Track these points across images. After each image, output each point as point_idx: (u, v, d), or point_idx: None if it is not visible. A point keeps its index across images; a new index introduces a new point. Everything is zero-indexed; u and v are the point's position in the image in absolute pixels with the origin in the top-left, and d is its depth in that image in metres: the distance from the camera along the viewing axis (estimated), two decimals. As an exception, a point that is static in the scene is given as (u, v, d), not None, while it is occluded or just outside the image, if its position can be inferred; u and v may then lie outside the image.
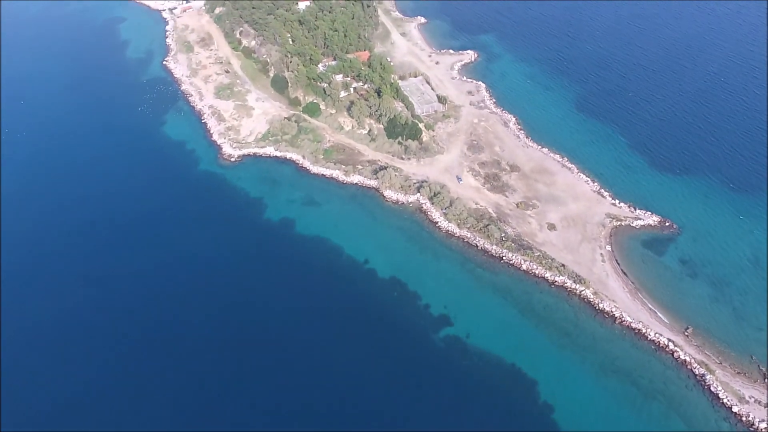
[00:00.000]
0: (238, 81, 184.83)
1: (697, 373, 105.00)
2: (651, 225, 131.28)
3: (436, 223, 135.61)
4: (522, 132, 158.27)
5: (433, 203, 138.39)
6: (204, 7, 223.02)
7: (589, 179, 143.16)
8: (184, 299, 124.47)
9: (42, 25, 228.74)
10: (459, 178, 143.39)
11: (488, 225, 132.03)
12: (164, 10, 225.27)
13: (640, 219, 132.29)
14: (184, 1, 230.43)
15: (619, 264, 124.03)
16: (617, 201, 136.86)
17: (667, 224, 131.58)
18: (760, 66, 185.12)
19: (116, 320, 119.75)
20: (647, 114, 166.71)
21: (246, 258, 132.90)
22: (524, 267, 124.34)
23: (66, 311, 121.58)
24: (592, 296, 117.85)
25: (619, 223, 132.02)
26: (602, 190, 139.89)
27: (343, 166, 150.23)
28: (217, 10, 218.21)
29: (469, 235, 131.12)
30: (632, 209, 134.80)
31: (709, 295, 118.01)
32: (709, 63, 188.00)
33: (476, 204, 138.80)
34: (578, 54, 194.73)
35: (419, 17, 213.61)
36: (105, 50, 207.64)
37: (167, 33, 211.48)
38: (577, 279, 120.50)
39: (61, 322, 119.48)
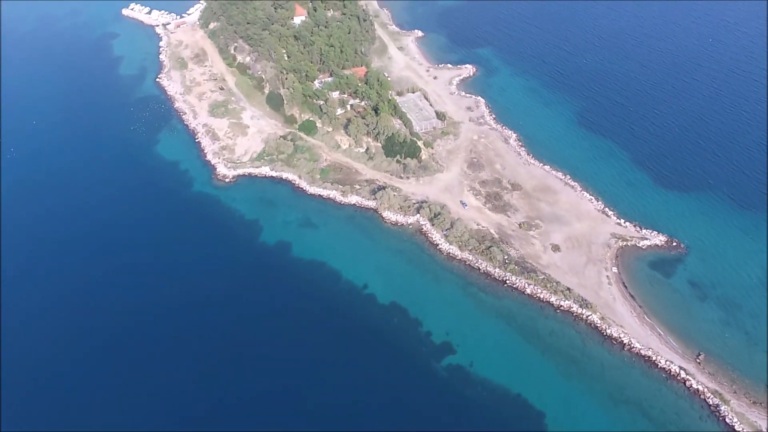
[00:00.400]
0: (232, 98, 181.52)
1: (710, 403, 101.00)
2: (657, 245, 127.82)
3: (437, 245, 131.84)
4: (523, 149, 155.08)
5: (433, 225, 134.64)
6: (198, 23, 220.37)
7: (592, 197, 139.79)
8: (177, 325, 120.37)
9: (34, 41, 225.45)
10: (464, 203, 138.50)
11: (490, 247, 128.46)
12: (158, 26, 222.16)
13: (646, 239, 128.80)
14: (178, 17, 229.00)
15: (626, 287, 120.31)
16: (622, 220, 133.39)
17: (674, 244, 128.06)
18: (760, 79, 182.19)
19: (108, 345, 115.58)
20: (648, 129, 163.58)
21: (241, 283, 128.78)
22: (528, 291, 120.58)
23: (57, 334, 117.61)
24: (599, 321, 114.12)
25: (624, 243, 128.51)
26: (606, 209, 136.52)
27: (341, 186, 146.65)
28: (212, 26, 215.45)
29: (470, 258, 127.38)
30: (638, 229, 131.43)
31: (720, 319, 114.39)
32: (709, 76, 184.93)
33: (477, 225, 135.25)
34: (576, 67, 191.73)
35: (416, 30, 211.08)
36: (97, 67, 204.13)
37: (161, 49, 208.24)
38: (584, 303, 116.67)
39: (50, 346, 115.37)
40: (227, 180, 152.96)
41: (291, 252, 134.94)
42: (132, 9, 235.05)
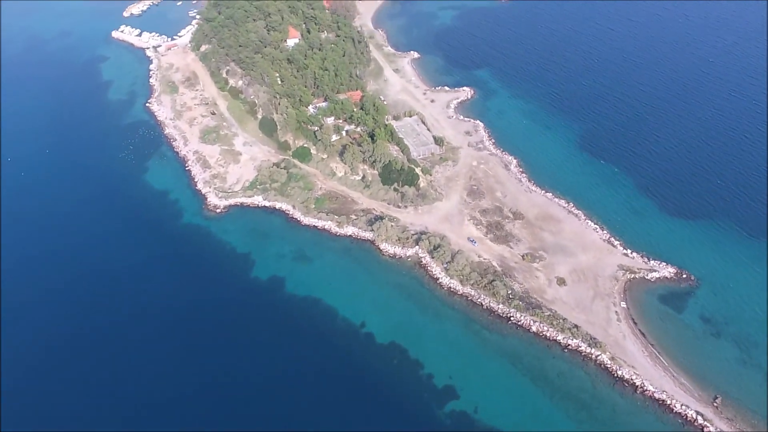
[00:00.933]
0: (224, 123, 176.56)
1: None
2: (667, 277, 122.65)
3: (437, 279, 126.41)
4: (524, 175, 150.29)
5: (433, 257, 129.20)
6: (189, 45, 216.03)
7: (597, 226, 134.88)
8: (165, 366, 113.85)
9: (21, 65, 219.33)
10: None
11: (493, 281, 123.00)
12: (148, 48, 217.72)
13: (654, 271, 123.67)
14: (169, 39, 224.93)
15: (636, 323, 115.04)
16: (629, 250, 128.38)
17: (683, 276, 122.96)
18: (761, 101, 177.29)
19: (92, 387, 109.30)
20: (650, 153, 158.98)
21: (232, 322, 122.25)
22: (534, 329, 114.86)
23: (43, 369, 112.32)
24: (609, 362, 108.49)
25: (632, 275, 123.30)
26: (612, 239, 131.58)
27: (336, 217, 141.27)
28: (203, 48, 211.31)
29: (473, 293, 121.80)
30: (646, 260, 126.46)
31: (736, 358, 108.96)
32: (709, 98, 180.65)
33: (479, 257, 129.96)
34: (575, 89, 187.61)
35: (412, 52, 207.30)
36: (86, 92, 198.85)
37: (151, 73, 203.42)
38: (592, 342, 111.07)
39: (38, 379, 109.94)
40: (218, 210, 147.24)
41: (285, 288, 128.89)
42: (122, 31, 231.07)
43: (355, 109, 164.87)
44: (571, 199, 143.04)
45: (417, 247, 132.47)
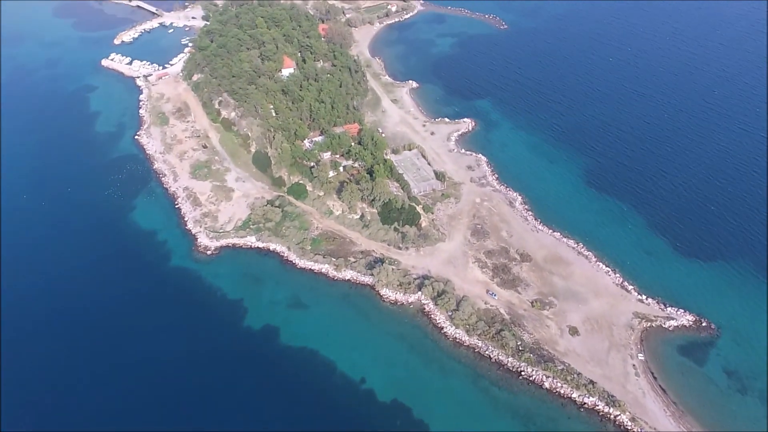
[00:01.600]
0: (216, 157, 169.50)
1: None
2: (685, 326, 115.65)
3: (442, 328, 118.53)
4: (530, 213, 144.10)
5: (437, 304, 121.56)
6: (181, 74, 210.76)
7: (609, 269, 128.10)
8: (149, 421, 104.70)
9: (6, 96, 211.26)
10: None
11: (501, 331, 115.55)
12: (138, 77, 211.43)
13: (672, 319, 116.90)
14: (160, 67, 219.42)
15: (655, 378, 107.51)
16: (644, 296, 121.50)
17: (703, 324, 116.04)
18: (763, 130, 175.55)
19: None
20: (659, 189, 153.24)
21: (223, 374, 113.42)
22: (547, 385, 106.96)
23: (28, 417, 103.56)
24: (629, 423, 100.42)
25: (649, 324, 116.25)
26: (626, 283, 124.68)
27: (334, 259, 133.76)
28: (195, 77, 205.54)
29: (480, 345, 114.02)
30: (662, 306, 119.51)
31: (766, 417, 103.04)
32: (715, 131, 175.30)
33: (486, 304, 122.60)
34: (578, 121, 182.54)
35: (410, 81, 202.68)
36: (72, 124, 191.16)
37: (141, 103, 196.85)
38: (610, 400, 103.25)
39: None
40: (209, 252, 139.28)
41: (279, 339, 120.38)
42: (112, 59, 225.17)
43: (352, 144, 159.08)
44: (580, 239, 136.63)
45: (420, 293, 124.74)
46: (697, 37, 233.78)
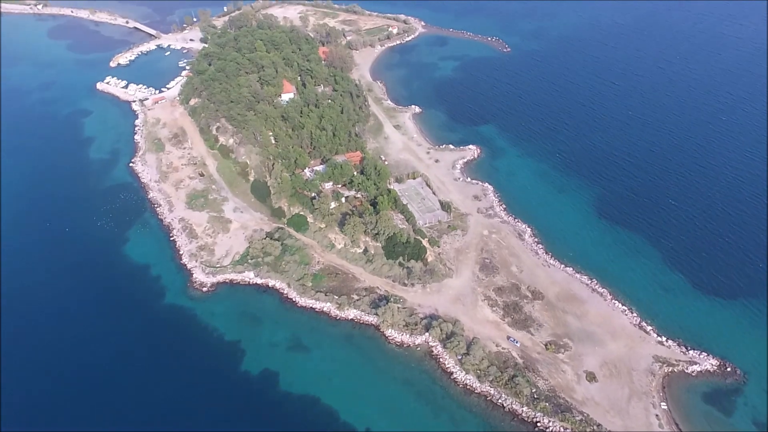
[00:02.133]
0: (213, 186, 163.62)
1: None
2: (710, 371, 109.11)
3: (452, 374, 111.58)
4: (540, 246, 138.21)
5: (445, 347, 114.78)
6: (178, 98, 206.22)
7: (625, 308, 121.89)
8: None
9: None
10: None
11: (515, 377, 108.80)
12: (134, 102, 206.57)
13: (695, 363, 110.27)
14: (157, 91, 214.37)
15: (680, 430, 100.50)
16: (664, 337, 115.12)
17: (728, 369, 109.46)
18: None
19: None
20: (672, 220, 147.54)
21: (219, 423, 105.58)
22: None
23: None
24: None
25: (671, 369, 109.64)
26: (643, 323, 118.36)
27: (336, 297, 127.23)
28: (193, 102, 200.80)
29: (492, 392, 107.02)
30: (683, 349, 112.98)
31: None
32: (726, 160, 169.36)
33: (497, 346, 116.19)
34: (585, 148, 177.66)
35: (413, 106, 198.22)
36: (65, 150, 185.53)
37: (136, 128, 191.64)
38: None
39: None
40: (205, 289, 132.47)
41: (278, 384, 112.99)
42: (107, 83, 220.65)
43: (355, 173, 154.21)
44: (593, 274, 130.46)
45: (427, 334, 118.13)
46: (700, 60, 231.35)
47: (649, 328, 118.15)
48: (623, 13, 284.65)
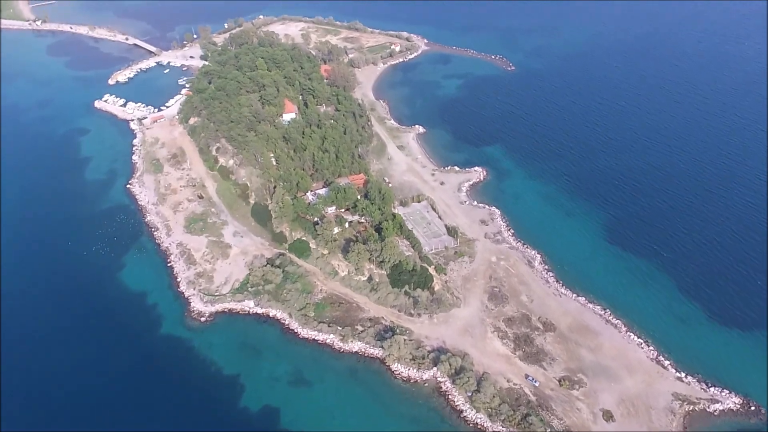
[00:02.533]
0: (212, 209, 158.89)
1: None
2: (732, 410, 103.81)
3: (461, 411, 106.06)
4: (551, 274, 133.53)
5: (455, 383, 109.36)
6: (177, 117, 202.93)
7: (641, 341, 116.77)
8: None
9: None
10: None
11: (528, 415, 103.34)
12: (132, 120, 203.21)
13: (717, 401, 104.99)
14: (156, 110, 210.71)
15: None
16: (683, 373, 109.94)
17: (751, 408, 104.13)
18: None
19: None
20: (684, 247, 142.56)
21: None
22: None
23: None
24: None
25: (691, 407, 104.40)
26: (660, 357, 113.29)
27: (340, 328, 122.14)
28: (192, 121, 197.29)
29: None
30: (704, 386, 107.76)
31: None
32: (736, 183, 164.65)
33: (508, 381, 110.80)
34: (591, 170, 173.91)
35: (417, 126, 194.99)
36: (61, 170, 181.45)
37: (134, 148, 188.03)
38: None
39: None
40: (203, 319, 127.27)
41: (279, 422, 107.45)
42: (106, 101, 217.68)
43: (359, 197, 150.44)
44: (606, 304, 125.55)
45: (435, 369, 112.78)
46: (706, 81, 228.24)
47: (666, 362, 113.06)
48: (626, 31, 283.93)
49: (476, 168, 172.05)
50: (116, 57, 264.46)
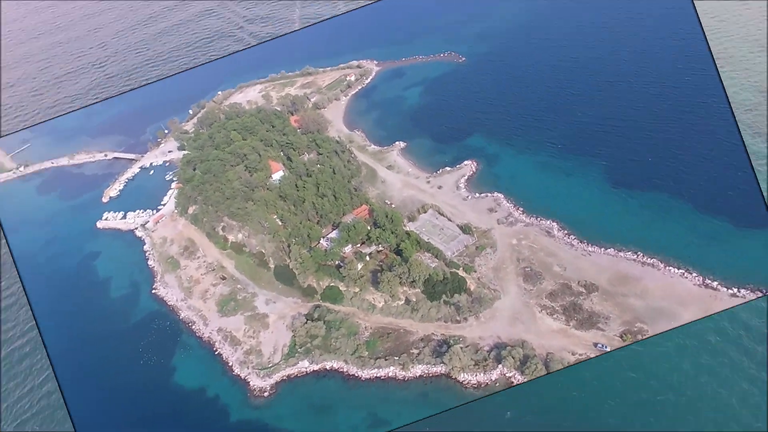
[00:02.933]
0: (238, 286, 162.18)
1: None
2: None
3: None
4: (572, 237, 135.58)
5: (524, 373, 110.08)
6: (176, 211, 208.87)
7: (682, 270, 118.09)
8: None
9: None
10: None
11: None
12: (136, 228, 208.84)
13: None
14: (154, 211, 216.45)
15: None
16: (735, 289, 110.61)
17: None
18: None
19: None
20: (688, 168, 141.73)
21: None
22: None
23: None
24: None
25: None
26: (707, 281, 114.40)
27: (396, 358, 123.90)
28: (191, 210, 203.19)
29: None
30: (759, 293, 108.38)
31: None
32: (698, 93, 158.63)
33: (574, 354, 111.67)
34: (571, 128, 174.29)
35: (397, 143, 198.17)
36: (88, 300, 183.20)
37: (147, 254, 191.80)
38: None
39: None
40: (266, 394, 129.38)
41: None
42: (106, 219, 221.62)
43: (369, 228, 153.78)
44: (635, 247, 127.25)
45: (500, 366, 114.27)
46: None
47: (714, 283, 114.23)
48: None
49: (466, 162, 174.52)
50: (102, 175, 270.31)
